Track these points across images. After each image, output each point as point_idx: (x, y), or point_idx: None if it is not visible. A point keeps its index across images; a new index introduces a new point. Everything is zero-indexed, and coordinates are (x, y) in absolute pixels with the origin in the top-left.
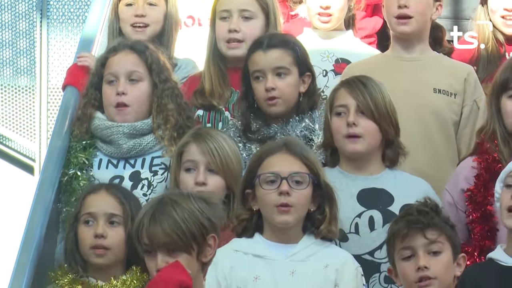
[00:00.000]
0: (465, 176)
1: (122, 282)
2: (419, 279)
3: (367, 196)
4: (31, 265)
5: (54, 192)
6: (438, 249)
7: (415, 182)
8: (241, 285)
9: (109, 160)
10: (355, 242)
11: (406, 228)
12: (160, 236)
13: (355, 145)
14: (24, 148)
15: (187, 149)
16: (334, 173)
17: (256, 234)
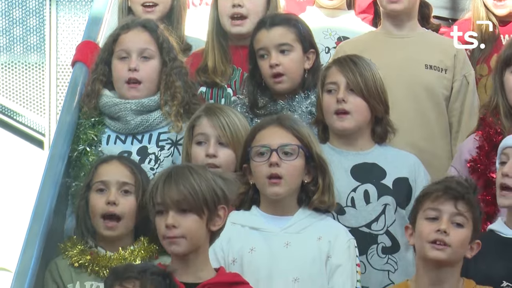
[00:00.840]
0: (468, 148)
1: (130, 252)
2: (434, 240)
3: (360, 171)
4: (41, 236)
5: (64, 165)
6: (462, 222)
7: (404, 156)
8: (237, 257)
9: (117, 136)
10: (352, 215)
11: (442, 191)
12: (174, 194)
13: (343, 122)
14: (34, 123)
15: (199, 123)
16: (326, 149)
17: (253, 207)
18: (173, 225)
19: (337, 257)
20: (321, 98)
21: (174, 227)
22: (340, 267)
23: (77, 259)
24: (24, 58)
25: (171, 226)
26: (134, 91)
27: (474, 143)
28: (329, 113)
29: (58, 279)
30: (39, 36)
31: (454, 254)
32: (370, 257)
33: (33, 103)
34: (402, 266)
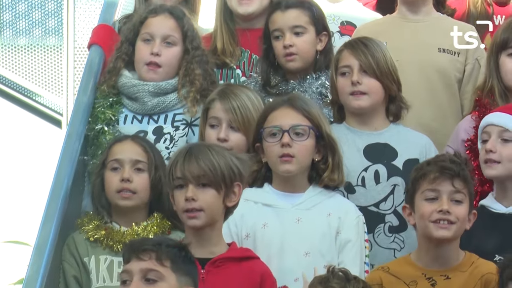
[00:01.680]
0: (464, 128)
1: (143, 228)
2: (436, 220)
3: (372, 151)
4: (58, 212)
5: (80, 144)
6: (461, 199)
7: (417, 137)
8: (250, 232)
9: (134, 116)
10: (361, 194)
11: (438, 172)
12: (194, 169)
13: (359, 101)
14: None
15: (212, 106)
16: (341, 129)
17: (265, 184)
18: (192, 198)
19: (347, 233)
20: (336, 81)
21: (193, 200)
22: (349, 243)
23: (93, 233)
24: (42, 41)
25: (190, 198)
26: (153, 73)
27: (470, 123)
28: (344, 94)
29: (75, 253)
30: (57, 20)
31: (459, 230)
32: (377, 235)
33: (51, 84)
34: (408, 244)
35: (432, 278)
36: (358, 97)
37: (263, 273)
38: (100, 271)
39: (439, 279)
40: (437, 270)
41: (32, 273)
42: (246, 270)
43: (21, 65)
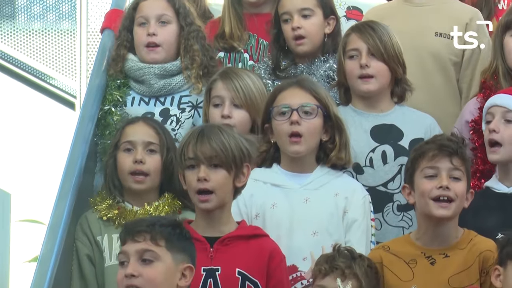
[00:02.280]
0: (469, 110)
1: (155, 208)
2: (437, 197)
3: (379, 132)
4: (72, 191)
5: (93, 125)
6: (459, 176)
7: (421, 117)
8: (260, 212)
9: (141, 98)
10: (370, 174)
11: (437, 150)
12: (207, 150)
13: (368, 85)
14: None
15: (215, 86)
16: (347, 111)
17: (274, 164)
18: (205, 178)
19: (353, 212)
20: (343, 64)
21: (205, 180)
22: (356, 222)
23: (106, 213)
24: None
25: (203, 179)
26: (153, 53)
27: (475, 104)
28: (353, 77)
29: (88, 231)
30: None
31: (458, 208)
32: (386, 214)
33: (65, 67)
34: (416, 222)
35: (431, 257)
36: (366, 81)
37: (272, 250)
38: (113, 249)
39: (438, 258)
40: (436, 248)
41: (46, 251)
42: (254, 247)
43: (35, 49)
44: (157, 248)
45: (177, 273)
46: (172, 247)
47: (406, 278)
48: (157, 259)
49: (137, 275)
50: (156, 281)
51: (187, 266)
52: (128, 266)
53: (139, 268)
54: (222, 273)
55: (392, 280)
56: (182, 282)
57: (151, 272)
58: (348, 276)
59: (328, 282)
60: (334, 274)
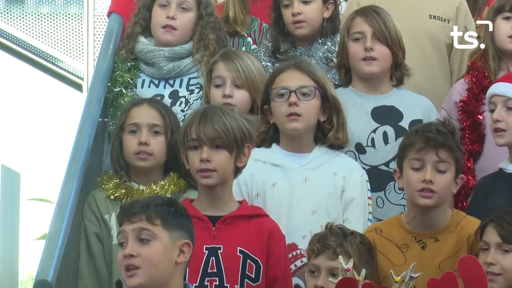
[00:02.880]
0: (457, 91)
1: (161, 187)
2: (421, 189)
3: (379, 113)
4: (80, 171)
5: (100, 107)
6: (445, 168)
7: (419, 99)
8: (260, 191)
9: (151, 80)
10: (372, 154)
11: (424, 143)
12: (209, 131)
13: (371, 67)
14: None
15: (216, 67)
16: (348, 92)
17: (273, 144)
18: (207, 159)
19: (351, 191)
20: (347, 46)
21: (208, 161)
22: (354, 201)
23: (113, 192)
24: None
25: (205, 159)
26: (169, 35)
27: (463, 85)
28: (356, 59)
29: (96, 210)
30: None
31: (440, 198)
32: (388, 193)
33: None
34: None
35: (422, 241)
36: (370, 63)
37: (271, 229)
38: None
39: (429, 242)
40: (426, 233)
41: (54, 230)
42: (255, 227)
43: (44, 32)
44: (153, 227)
45: (175, 250)
46: (168, 225)
47: (398, 263)
48: (154, 238)
49: (136, 255)
50: (154, 259)
51: (184, 243)
52: (126, 246)
53: (137, 248)
54: (224, 251)
55: (385, 264)
56: (181, 258)
57: (148, 251)
58: (340, 254)
59: (320, 261)
60: (326, 253)
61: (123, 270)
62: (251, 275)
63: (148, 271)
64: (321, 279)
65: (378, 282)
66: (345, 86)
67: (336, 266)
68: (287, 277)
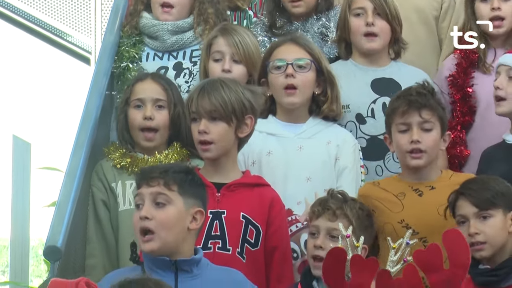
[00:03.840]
0: (447, 67)
1: (165, 156)
2: (411, 150)
3: (379, 85)
4: (88, 141)
5: (107, 80)
6: (430, 127)
7: (416, 71)
8: (256, 159)
9: (155, 53)
10: (371, 124)
11: (406, 106)
12: (206, 105)
13: (372, 43)
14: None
15: (215, 42)
16: (348, 65)
17: (270, 115)
18: (204, 131)
19: (344, 160)
20: (349, 21)
21: (205, 132)
22: (347, 169)
23: (119, 161)
24: None
25: (203, 131)
26: (167, 15)
27: (452, 60)
28: (358, 35)
29: (103, 178)
30: None
31: (430, 157)
32: (387, 161)
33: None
34: None
35: (419, 189)
36: (371, 39)
37: (273, 198)
38: (126, 195)
39: (425, 190)
40: (422, 182)
41: (63, 197)
42: (257, 195)
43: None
44: (169, 193)
45: (188, 216)
46: (184, 192)
47: (396, 210)
48: (169, 203)
49: (151, 218)
50: (168, 223)
51: (197, 210)
52: (142, 208)
53: (153, 211)
54: (228, 216)
55: (383, 212)
56: (193, 225)
57: (163, 215)
58: (339, 217)
59: (321, 222)
60: (326, 215)
61: (138, 233)
62: (251, 240)
63: (162, 235)
64: (320, 239)
65: (376, 246)
66: (345, 59)
67: (334, 227)
68: (286, 245)
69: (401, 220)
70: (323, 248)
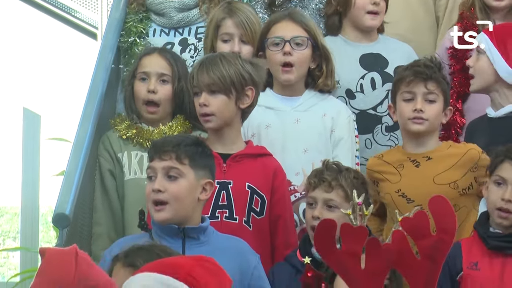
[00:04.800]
0: (449, 38)
1: (169, 127)
2: (413, 118)
3: (367, 60)
4: (95, 113)
5: (113, 54)
6: (434, 98)
7: (401, 46)
8: (256, 131)
9: (161, 29)
10: (361, 99)
11: (413, 76)
12: (205, 79)
13: (375, 21)
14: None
15: (224, 23)
16: (338, 41)
17: (267, 89)
18: (204, 103)
19: (339, 131)
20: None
21: (205, 105)
22: (342, 140)
23: (125, 132)
24: None
25: (202, 104)
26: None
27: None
28: (362, 11)
29: (109, 149)
30: None
31: (431, 125)
32: (376, 135)
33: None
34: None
35: (416, 160)
36: (374, 17)
37: (276, 168)
38: (131, 165)
39: (422, 160)
40: (420, 153)
41: (71, 167)
42: (261, 165)
43: None
44: (181, 166)
45: (199, 187)
46: (195, 165)
47: (395, 180)
48: (181, 176)
49: (163, 190)
50: (180, 195)
51: (207, 181)
52: (155, 181)
53: (165, 184)
54: (234, 186)
55: (383, 184)
56: (203, 196)
57: (175, 187)
58: (335, 188)
59: (317, 193)
60: (322, 186)
61: (150, 204)
62: (256, 209)
63: (174, 206)
64: (317, 209)
65: (384, 218)
66: (335, 35)
67: (331, 198)
68: (290, 213)
69: (398, 189)
70: (320, 218)
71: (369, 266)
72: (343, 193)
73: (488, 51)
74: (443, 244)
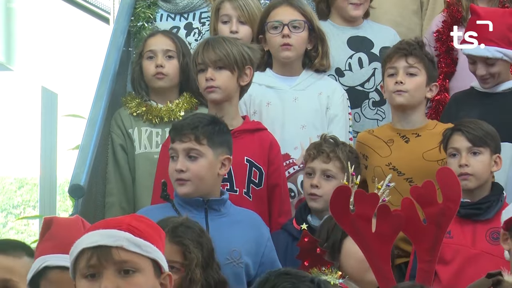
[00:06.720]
0: (436, 23)
1: (176, 104)
2: (395, 91)
3: (354, 42)
4: (107, 92)
5: (124, 37)
6: (414, 72)
7: (386, 29)
8: (257, 109)
9: (168, 14)
10: (349, 77)
11: (394, 52)
12: (212, 55)
13: (357, 11)
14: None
15: (223, 6)
16: (327, 25)
17: (267, 69)
18: (211, 78)
19: (334, 109)
20: None
21: (211, 79)
22: (337, 117)
23: (135, 109)
24: None
25: (209, 78)
26: None
27: (440, 18)
28: (345, 2)
29: (121, 125)
30: None
31: (412, 97)
32: (364, 109)
33: None
34: (388, 114)
35: (406, 136)
36: (356, 7)
37: (271, 141)
38: (142, 140)
39: (411, 137)
40: (409, 129)
41: (86, 142)
42: (257, 139)
43: None
44: (200, 147)
45: (218, 164)
46: (213, 143)
47: (385, 155)
48: (201, 156)
49: (185, 170)
50: (201, 173)
51: (226, 157)
52: (177, 161)
53: (187, 163)
54: (234, 160)
55: (373, 157)
56: (222, 170)
57: (196, 167)
58: (332, 159)
59: (316, 164)
60: (321, 157)
61: (174, 181)
62: (255, 180)
63: (195, 183)
64: (315, 179)
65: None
66: (324, 20)
67: (328, 168)
68: (284, 183)
69: (389, 163)
70: (318, 186)
71: (379, 229)
72: (339, 164)
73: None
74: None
